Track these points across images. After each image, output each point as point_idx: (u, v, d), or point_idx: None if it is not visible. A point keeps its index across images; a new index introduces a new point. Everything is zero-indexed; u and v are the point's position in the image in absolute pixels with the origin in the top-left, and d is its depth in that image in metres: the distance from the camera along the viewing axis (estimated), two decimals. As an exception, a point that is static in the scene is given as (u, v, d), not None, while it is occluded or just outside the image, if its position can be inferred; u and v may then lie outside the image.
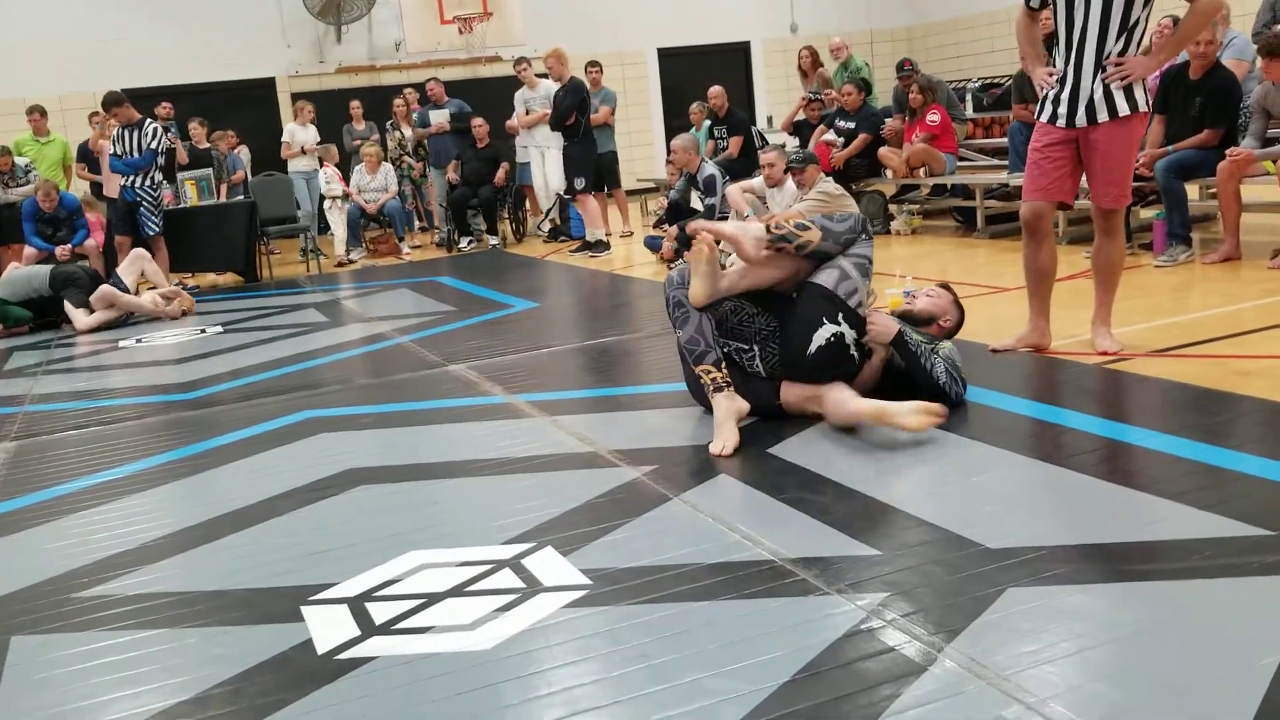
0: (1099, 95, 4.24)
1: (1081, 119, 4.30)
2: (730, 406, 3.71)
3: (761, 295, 3.85)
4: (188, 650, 2.53)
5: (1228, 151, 6.30)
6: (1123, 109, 4.23)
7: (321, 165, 11.64)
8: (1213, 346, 4.45)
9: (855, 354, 3.73)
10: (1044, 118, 4.43)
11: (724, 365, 3.81)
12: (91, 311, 8.11)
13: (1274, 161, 6.19)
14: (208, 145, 11.36)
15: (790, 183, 7.46)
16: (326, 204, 11.36)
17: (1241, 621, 2.19)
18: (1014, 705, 1.97)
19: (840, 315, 3.67)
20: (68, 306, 8.12)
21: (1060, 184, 4.43)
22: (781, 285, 3.84)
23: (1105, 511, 2.86)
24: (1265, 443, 3.25)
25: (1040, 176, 4.45)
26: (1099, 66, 4.22)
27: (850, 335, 3.69)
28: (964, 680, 2.07)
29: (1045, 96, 4.43)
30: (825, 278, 3.72)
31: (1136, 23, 4.17)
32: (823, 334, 3.66)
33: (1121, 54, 4.20)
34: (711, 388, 3.76)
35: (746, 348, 3.85)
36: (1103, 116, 4.26)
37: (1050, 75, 4.40)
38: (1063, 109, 4.34)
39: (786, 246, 3.72)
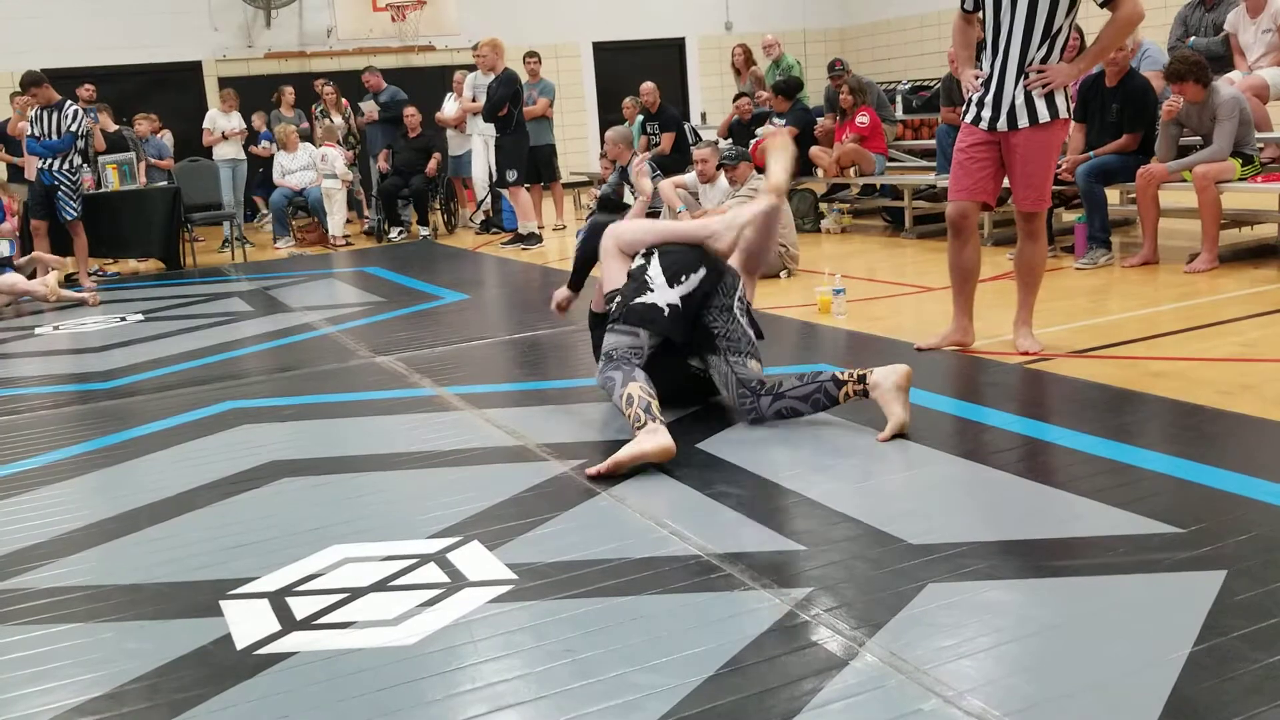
0: (1020, 101, 4.31)
1: (1003, 123, 4.37)
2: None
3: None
4: (103, 645, 2.47)
5: (1139, 171, 6.45)
6: (1043, 115, 4.31)
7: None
8: (1129, 348, 4.56)
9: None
10: (969, 119, 4.51)
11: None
12: None
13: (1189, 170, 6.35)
14: (116, 128, 11.09)
15: (722, 179, 7.50)
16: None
17: (1152, 616, 2.25)
18: (933, 699, 2.00)
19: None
20: None
21: (983, 185, 4.51)
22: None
23: (1024, 509, 2.92)
24: (1177, 442, 3.35)
25: (964, 177, 4.52)
26: (1022, 72, 4.30)
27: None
28: (885, 674, 2.10)
29: (971, 98, 4.51)
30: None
31: (1059, 30, 4.25)
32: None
33: (1044, 61, 4.28)
34: (643, 422, 3.46)
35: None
36: (1024, 122, 4.33)
37: (976, 78, 4.48)
38: (986, 112, 4.41)
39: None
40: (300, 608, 2.59)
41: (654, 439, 3.37)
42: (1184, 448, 3.27)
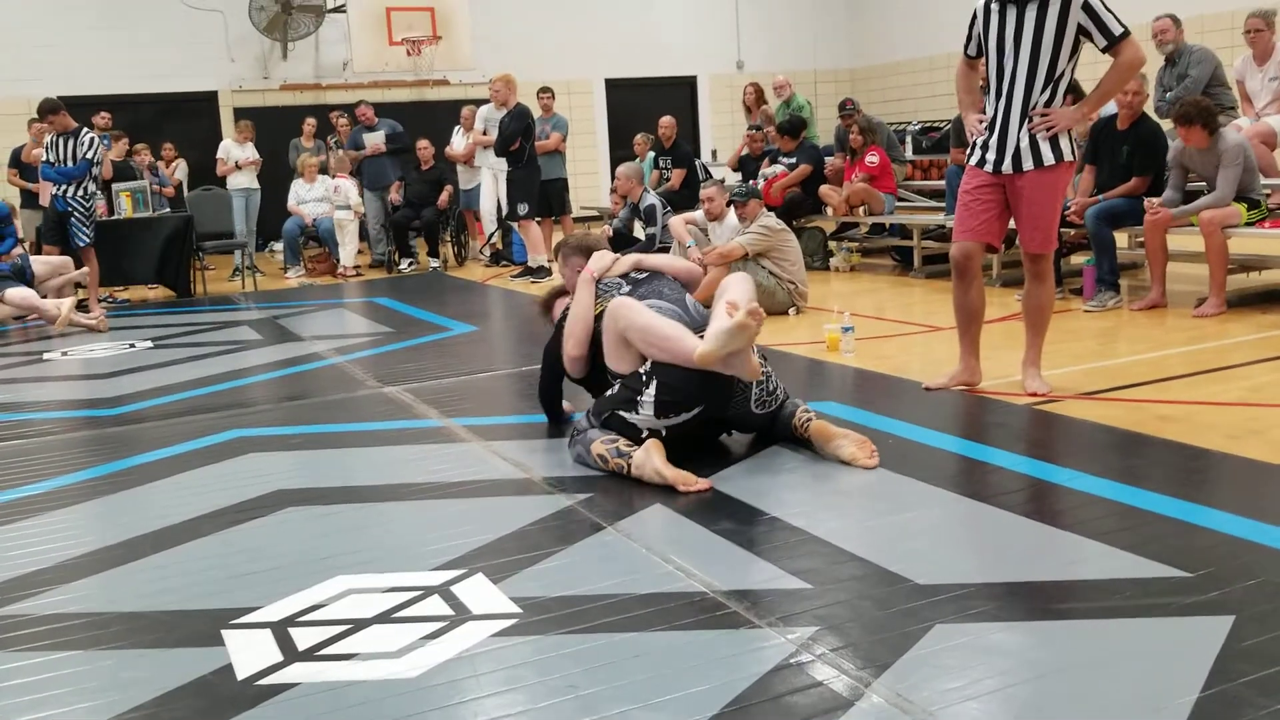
0: (1025, 144, 4.35)
1: (1008, 166, 4.40)
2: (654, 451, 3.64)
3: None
4: (102, 673, 2.46)
5: (1147, 204, 6.46)
6: (1048, 158, 4.34)
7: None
8: (1137, 391, 4.55)
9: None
10: (973, 161, 4.54)
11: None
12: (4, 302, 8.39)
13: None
14: (125, 157, 11.20)
15: (731, 216, 7.53)
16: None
17: (1159, 661, 2.23)
18: (938, 741, 1.98)
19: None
20: None
21: (989, 226, 4.52)
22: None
23: (1031, 550, 2.90)
24: (1184, 486, 3.33)
25: (969, 218, 4.53)
26: (1026, 116, 4.33)
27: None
28: (890, 715, 2.08)
29: (975, 141, 4.55)
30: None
31: (1062, 74, 4.31)
32: None
33: (1048, 104, 4.32)
34: (625, 466, 3.64)
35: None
36: (1028, 165, 4.36)
37: (980, 122, 4.52)
38: (991, 154, 4.44)
39: None
40: (303, 638, 2.58)
41: (647, 461, 3.57)
42: (1192, 491, 3.25)
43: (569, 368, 4.24)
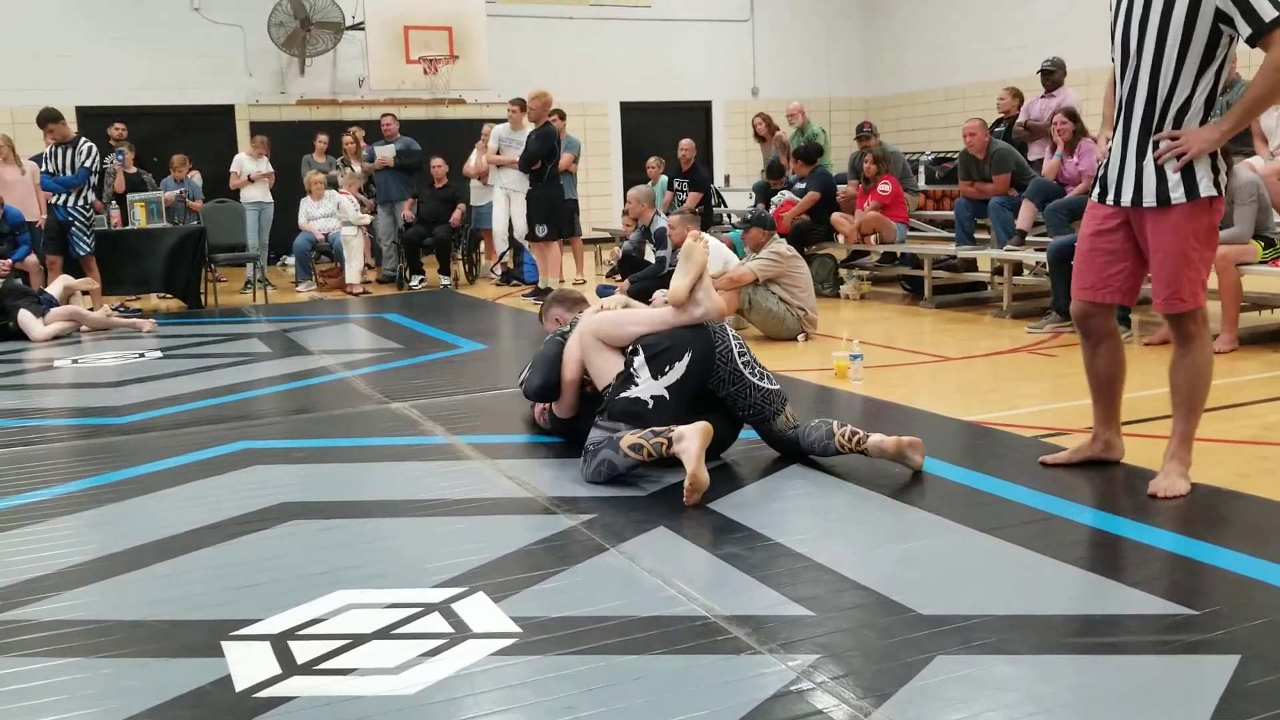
0: (1150, 172, 3.48)
1: (1128, 198, 3.54)
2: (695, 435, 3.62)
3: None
4: (101, 680, 2.46)
5: None
6: (1176, 194, 3.42)
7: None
8: (1147, 426, 4.53)
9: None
10: (1094, 194, 3.69)
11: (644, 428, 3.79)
12: (48, 323, 8.30)
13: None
14: (136, 170, 11.28)
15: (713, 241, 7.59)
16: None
17: (1164, 699, 2.21)
18: (938, 774, 1.97)
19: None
20: (23, 317, 8.21)
21: (1113, 281, 3.66)
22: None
23: (1036, 583, 2.88)
24: (1193, 523, 3.31)
25: (1087, 271, 3.70)
26: (1147, 134, 3.48)
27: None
28: (890, 746, 2.06)
29: (1103, 165, 3.67)
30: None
31: (1199, 79, 3.40)
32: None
33: (1178, 122, 3.43)
34: (665, 443, 3.65)
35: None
36: (1149, 200, 3.48)
37: (1105, 141, 3.67)
38: (1111, 187, 3.60)
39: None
40: (302, 652, 2.57)
41: (693, 438, 3.55)
42: (1200, 529, 3.23)
43: (561, 404, 4.36)
